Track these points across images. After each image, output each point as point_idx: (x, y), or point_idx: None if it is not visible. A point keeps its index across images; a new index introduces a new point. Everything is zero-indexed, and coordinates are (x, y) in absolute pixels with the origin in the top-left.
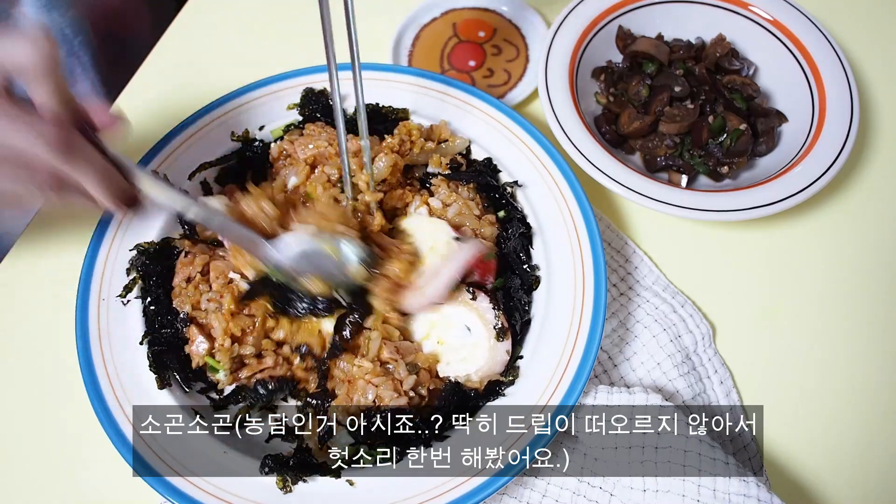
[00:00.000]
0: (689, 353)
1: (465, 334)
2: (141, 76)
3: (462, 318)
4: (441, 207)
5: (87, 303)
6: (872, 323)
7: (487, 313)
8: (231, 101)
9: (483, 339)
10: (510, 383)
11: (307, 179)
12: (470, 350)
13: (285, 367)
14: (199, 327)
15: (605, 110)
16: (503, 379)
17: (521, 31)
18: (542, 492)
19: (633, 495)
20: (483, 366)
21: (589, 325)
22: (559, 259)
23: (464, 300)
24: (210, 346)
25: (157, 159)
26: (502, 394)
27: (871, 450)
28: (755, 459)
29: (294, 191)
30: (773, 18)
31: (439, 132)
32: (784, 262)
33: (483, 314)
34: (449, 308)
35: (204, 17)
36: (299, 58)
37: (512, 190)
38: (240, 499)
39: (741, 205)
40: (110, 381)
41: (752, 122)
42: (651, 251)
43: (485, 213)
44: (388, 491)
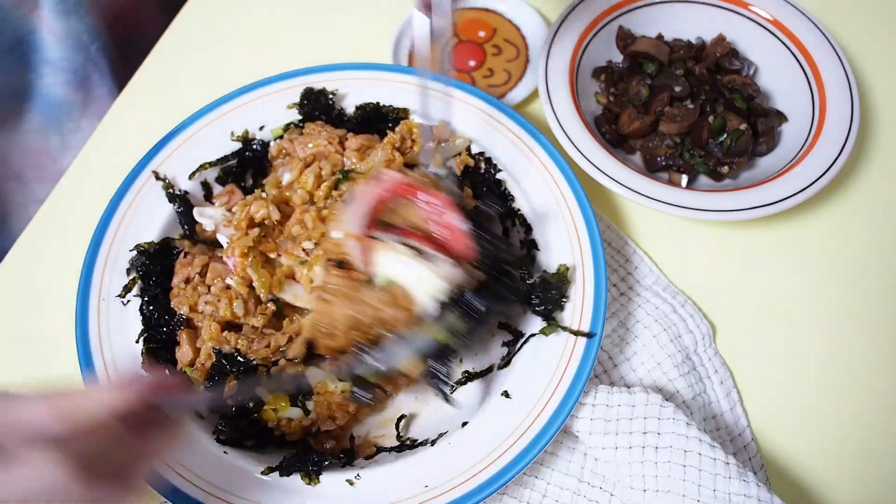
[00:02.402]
0: (689, 353)
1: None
2: (141, 76)
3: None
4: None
5: (87, 303)
6: (873, 323)
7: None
8: (231, 100)
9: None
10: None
11: (300, 175)
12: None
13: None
14: (193, 331)
15: (605, 110)
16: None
17: (521, 31)
18: (542, 492)
19: (633, 495)
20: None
21: (589, 326)
22: (559, 259)
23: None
24: (192, 359)
25: (157, 159)
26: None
27: (871, 450)
28: (755, 459)
29: (287, 187)
30: (774, 18)
31: (439, 132)
32: (784, 262)
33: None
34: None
35: (204, 17)
36: (299, 58)
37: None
38: (240, 499)
39: (741, 205)
40: (110, 381)
41: (752, 122)
42: (651, 251)
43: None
44: (388, 491)
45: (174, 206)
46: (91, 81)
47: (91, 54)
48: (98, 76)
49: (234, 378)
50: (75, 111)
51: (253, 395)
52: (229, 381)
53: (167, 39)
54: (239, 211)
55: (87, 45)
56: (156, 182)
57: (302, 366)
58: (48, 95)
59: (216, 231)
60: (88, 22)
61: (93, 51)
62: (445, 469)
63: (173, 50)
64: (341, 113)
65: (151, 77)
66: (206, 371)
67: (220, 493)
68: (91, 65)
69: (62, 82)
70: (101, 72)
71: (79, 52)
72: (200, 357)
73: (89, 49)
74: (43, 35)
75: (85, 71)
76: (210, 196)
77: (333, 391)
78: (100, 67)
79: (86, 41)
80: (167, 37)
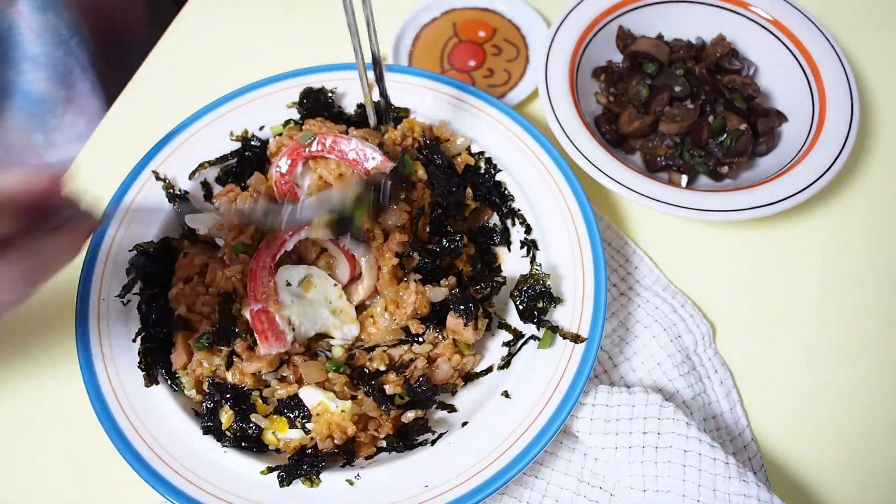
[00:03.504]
0: (689, 353)
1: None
2: (140, 77)
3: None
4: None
5: (87, 303)
6: (873, 322)
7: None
8: (231, 101)
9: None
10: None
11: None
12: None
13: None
14: (190, 332)
15: (605, 110)
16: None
17: (521, 31)
18: (542, 492)
19: (633, 495)
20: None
21: (589, 325)
22: (559, 259)
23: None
24: (185, 362)
25: (157, 159)
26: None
27: (871, 449)
28: (755, 459)
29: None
30: (773, 18)
31: (440, 132)
32: (784, 262)
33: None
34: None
35: (204, 17)
36: (298, 58)
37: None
38: (240, 499)
39: (741, 205)
40: (110, 381)
41: (752, 122)
42: (651, 251)
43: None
44: (388, 491)
45: (174, 206)
46: (73, 76)
47: (71, 49)
48: (80, 70)
49: (225, 404)
50: (58, 107)
51: (251, 423)
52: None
53: (167, 39)
54: (227, 210)
55: (66, 40)
56: (156, 182)
57: (295, 385)
58: (29, 91)
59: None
60: (67, 16)
61: (73, 45)
62: (445, 469)
63: (173, 50)
64: (341, 112)
65: (151, 77)
66: (196, 380)
67: (220, 493)
68: (72, 59)
69: (43, 78)
70: (83, 66)
71: (59, 47)
72: (192, 364)
73: (69, 43)
74: (21, 30)
75: (66, 66)
76: (210, 196)
77: (333, 412)
78: (81, 62)
79: (65, 35)
80: (167, 37)
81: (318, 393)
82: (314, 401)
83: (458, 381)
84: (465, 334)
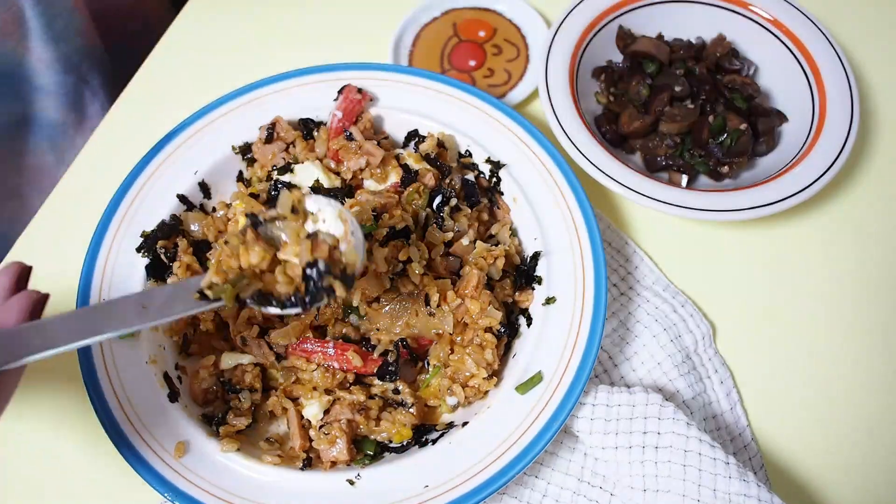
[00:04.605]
0: (689, 352)
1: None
2: (140, 77)
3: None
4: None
5: (87, 302)
6: (873, 322)
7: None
8: (231, 101)
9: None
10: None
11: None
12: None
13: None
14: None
15: (605, 110)
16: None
17: (521, 31)
18: (542, 492)
19: (633, 495)
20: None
21: (589, 325)
22: (559, 259)
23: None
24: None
25: (157, 159)
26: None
27: (871, 449)
28: (755, 459)
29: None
30: (774, 18)
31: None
32: (784, 262)
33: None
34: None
35: (204, 17)
36: (297, 58)
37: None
38: (240, 499)
39: (741, 205)
40: (110, 380)
41: (752, 121)
42: (651, 251)
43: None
44: (388, 491)
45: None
46: (84, 100)
47: (82, 73)
48: (90, 94)
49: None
50: (69, 129)
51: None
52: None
53: (167, 39)
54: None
55: (77, 66)
56: (156, 182)
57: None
58: (42, 119)
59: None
60: (78, 45)
61: (83, 70)
62: (445, 469)
63: (172, 50)
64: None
65: (151, 77)
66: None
67: (220, 493)
68: (82, 84)
69: (55, 106)
70: (93, 90)
71: (69, 74)
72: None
73: (80, 69)
74: (32, 64)
75: (77, 91)
76: (209, 195)
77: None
78: (91, 86)
79: (76, 62)
80: (167, 37)
81: (314, 407)
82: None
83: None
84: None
